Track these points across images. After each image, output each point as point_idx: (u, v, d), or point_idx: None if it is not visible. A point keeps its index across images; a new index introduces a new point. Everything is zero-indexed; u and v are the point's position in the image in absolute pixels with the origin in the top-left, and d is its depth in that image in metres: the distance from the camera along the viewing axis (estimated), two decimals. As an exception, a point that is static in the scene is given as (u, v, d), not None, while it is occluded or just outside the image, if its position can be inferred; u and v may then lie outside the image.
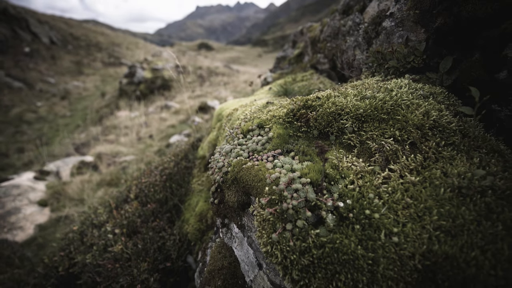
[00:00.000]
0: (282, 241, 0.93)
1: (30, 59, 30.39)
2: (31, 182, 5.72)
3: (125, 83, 21.03)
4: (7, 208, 4.64)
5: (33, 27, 32.57)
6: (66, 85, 28.74)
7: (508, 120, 1.24)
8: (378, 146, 1.12)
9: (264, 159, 1.22)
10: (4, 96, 23.55)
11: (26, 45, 31.41)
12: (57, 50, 35.11)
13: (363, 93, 1.34)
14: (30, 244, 4.28)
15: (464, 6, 1.25)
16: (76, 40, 40.99)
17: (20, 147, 16.99)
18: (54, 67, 31.89)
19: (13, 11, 30.88)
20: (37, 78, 28.28)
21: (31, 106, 23.20)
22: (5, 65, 27.15)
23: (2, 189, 5.02)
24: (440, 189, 0.96)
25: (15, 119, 21.10)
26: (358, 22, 2.35)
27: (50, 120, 21.88)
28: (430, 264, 0.84)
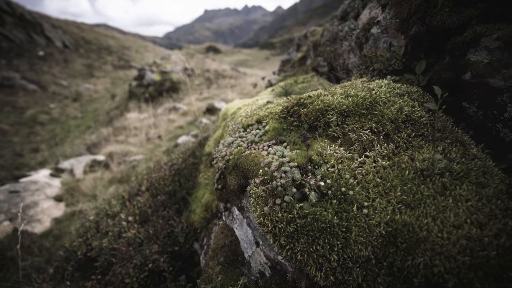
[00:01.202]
0: (272, 213, 1.13)
1: (44, 62, 31.22)
2: (47, 179, 6.04)
3: (135, 85, 21.47)
4: (26, 202, 4.94)
5: (47, 32, 33.54)
6: (78, 88, 29.42)
7: (475, 115, 1.42)
8: (357, 137, 1.31)
9: (260, 148, 1.42)
10: (20, 98, 24.28)
11: (40, 49, 32.34)
12: (70, 54, 35.98)
13: (348, 92, 1.53)
14: (48, 235, 4.56)
15: (434, 17, 1.43)
16: (88, 44, 41.92)
17: (34, 147, 17.52)
18: (66, 70, 32.66)
19: (29, 17, 31.89)
20: (51, 80, 29.03)
21: (44, 108, 23.84)
22: (21, 68, 27.97)
23: (21, 185, 5.33)
24: (405, 171, 1.15)
25: (29, 120, 21.72)
26: (352, 28, 2.54)
27: (62, 121, 22.45)
28: (392, 230, 1.03)
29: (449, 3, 1.39)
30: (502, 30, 1.17)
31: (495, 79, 1.22)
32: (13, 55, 29.33)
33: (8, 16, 29.84)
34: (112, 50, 43.45)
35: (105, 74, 35.42)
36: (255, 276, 1.53)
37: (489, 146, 1.38)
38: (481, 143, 1.39)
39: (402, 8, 1.63)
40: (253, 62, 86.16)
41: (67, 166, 6.83)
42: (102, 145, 11.66)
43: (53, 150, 15.99)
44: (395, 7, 1.71)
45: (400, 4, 1.66)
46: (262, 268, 1.50)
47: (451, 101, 1.53)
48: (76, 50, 38.16)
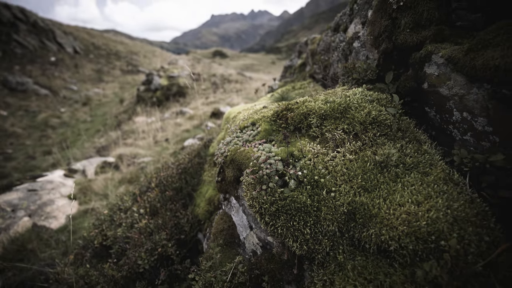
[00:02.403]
0: (259, 196, 1.41)
1: (55, 67, 32.04)
2: (61, 179, 6.41)
3: (143, 90, 21.95)
4: (43, 200, 5.30)
5: (59, 38, 34.51)
6: (88, 92, 30.11)
7: (434, 118, 1.68)
8: (332, 136, 1.59)
9: (253, 145, 1.70)
10: (32, 103, 25.00)
11: (52, 54, 33.25)
12: (80, 59, 36.85)
13: (328, 98, 1.81)
14: (63, 231, 4.89)
15: (398, 36, 1.71)
16: (97, 50, 42.83)
17: (46, 150, 18.07)
18: (76, 75, 33.45)
19: (42, 24, 32.90)
20: (61, 85, 29.78)
21: (55, 112, 24.48)
22: (33, 73, 28.80)
23: (38, 184, 5.70)
24: (367, 163, 1.42)
25: (41, 124, 22.34)
26: (341, 40, 2.82)
27: (72, 125, 23.03)
28: (352, 209, 1.30)
29: (409, 25, 1.67)
30: (445, 50, 1.44)
31: (443, 88, 1.49)
32: (26, 61, 30.22)
33: (22, 23, 30.88)
34: (120, 55, 44.28)
35: (114, 78, 36.11)
36: (249, 254, 1.81)
37: (446, 144, 1.64)
38: (439, 141, 1.66)
39: (375, 27, 1.91)
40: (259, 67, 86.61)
41: (79, 167, 7.21)
42: (111, 147, 12.07)
43: (64, 153, 16.51)
44: (370, 25, 1.99)
45: (374, 24, 1.93)
46: (254, 247, 1.78)
47: (416, 106, 1.80)
48: (86, 56, 39.06)
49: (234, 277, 1.69)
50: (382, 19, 1.84)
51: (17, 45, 29.74)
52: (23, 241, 4.23)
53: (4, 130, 20.36)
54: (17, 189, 5.35)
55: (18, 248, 4.13)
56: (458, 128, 1.51)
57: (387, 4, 1.79)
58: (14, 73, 27.13)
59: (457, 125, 1.50)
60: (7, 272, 3.86)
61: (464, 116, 1.42)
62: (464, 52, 1.32)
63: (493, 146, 1.31)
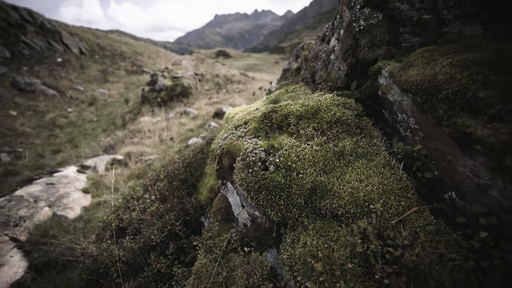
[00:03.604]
0: (246, 177, 1.87)
1: (62, 68, 32.65)
2: (75, 174, 6.93)
3: (147, 90, 22.42)
4: (60, 192, 5.80)
5: (65, 39, 35.18)
6: (93, 92, 30.67)
7: (389, 118, 2.12)
8: (304, 132, 2.04)
9: (243, 140, 2.16)
10: (40, 103, 25.63)
11: (59, 55, 33.89)
12: (86, 60, 37.45)
13: (305, 102, 2.26)
14: (79, 220, 5.39)
15: (359, 52, 2.16)
16: (102, 50, 43.41)
17: (54, 149, 18.66)
18: (82, 76, 34.03)
19: (48, 25, 33.60)
20: (68, 86, 30.38)
21: (63, 112, 25.07)
22: (41, 74, 29.44)
23: (55, 178, 6.22)
24: (328, 152, 1.87)
25: (49, 124, 22.94)
26: (325, 50, 3.27)
27: (79, 124, 23.60)
28: (314, 186, 1.76)
29: (367, 45, 2.11)
30: (389, 66, 1.89)
31: (389, 95, 1.93)
32: (34, 61, 30.86)
33: (29, 25, 31.60)
34: (125, 56, 44.82)
35: (119, 79, 36.63)
36: (241, 227, 2.27)
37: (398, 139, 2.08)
38: (392, 136, 2.10)
39: (344, 44, 2.35)
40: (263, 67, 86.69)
41: (91, 163, 7.73)
42: (117, 146, 12.59)
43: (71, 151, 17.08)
44: (341, 42, 2.43)
45: (343, 41, 2.38)
46: (245, 221, 2.24)
47: (376, 109, 2.24)
48: (92, 56, 39.64)
49: (229, 244, 2.16)
50: (348, 38, 2.28)
51: (25, 46, 30.42)
52: (45, 228, 4.74)
53: (15, 129, 20.98)
54: (37, 183, 5.87)
55: (42, 233, 4.63)
56: (402, 126, 1.95)
57: (352, 27, 2.24)
58: (23, 74, 27.79)
59: (400, 124, 1.95)
60: (33, 253, 4.37)
61: (403, 117, 1.87)
62: (398, 69, 1.76)
63: (421, 139, 1.76)
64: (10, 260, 4.33)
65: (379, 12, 2.06)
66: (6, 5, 30.85)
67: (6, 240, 4.54)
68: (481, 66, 1.32)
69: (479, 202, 1.37)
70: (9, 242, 4.56)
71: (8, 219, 4.77)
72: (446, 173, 1.56)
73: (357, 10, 2.16)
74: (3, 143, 19.14)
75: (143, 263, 2.66)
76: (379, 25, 2.06)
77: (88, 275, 2.78)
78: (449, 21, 1.78)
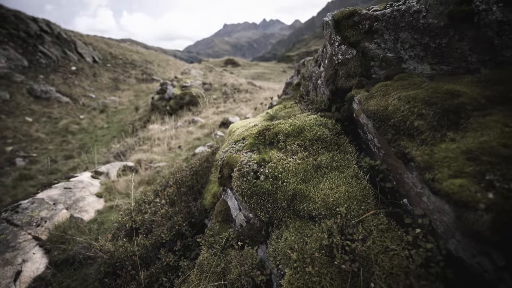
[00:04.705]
0: (241, 184, 2.29)
1: (76, 76, 33.79)
2: (89, 179, 7.45)
3: (157, 98, 23.10)
4: (77, 196, 6.31)
5: (79, 49, 36.54)
6: (105, 100, 31.59)
7: (363, 136, 2.53)
8: (291, 148, 2.46)
9: (241, 153, 2.59)
10: (54, 110, 26.58)
11: (73, 64, 35.14)
12: (98, 68, 38.67)
13: (293, 122, 2.69)
14: (93, 222, 5.85)
15: (338, 81, 2.58)
16: (114, 59, 44.69)
17: (67, 155, 19.37)
18: (95, 83, 35.12)
19: (64, 36, 35.03)
20: (81, 93, 31.41)
21: (75, 119, 25.95)
22: (56, 82, 30.55)
23: (72, 183, 6.74)
24: (308, 165, 2.28)
25: (62, 130, 23.75)
26: (316, 73, 3.70)
27: (90, 131, 24.37)
28: (295, 192, 2.16)
29: (344, 75, 2.54)
30: (359, 95, 2.31)
31: (361, 118, 2.34)
32: (49, 70, 32.07)
33: (47, 35, 33.04)
34: (136, 64, 46.01)
35: (129, 87, 37.60)
36: (238, 227, 2.68)
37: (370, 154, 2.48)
38: (367, 152, 2.50)
39: (327, 72, 2.78)
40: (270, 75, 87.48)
41: (104, 170, 8.25)
42: (127, 153, 13.14)
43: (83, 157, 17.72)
44: (325, 70, 2.87)
45: (327, 70, 2.81)
46: (241, 222, 2.65)
47: (353, 128, 2.65)
48: (104, 65, 40.87)
49: (227, 241, 2.57)
50: (330, 69, 2.72)
51: (42, 55, 31.73)
52: (64, 228, 5.21)
53: (30, 135, 21.83)
54: (56, 187, 6.38)
55: (61, 233, 5.11)
56: (371, 143, 2.35)
57: (332, 59, 2.67)
58: (39, 82, 28.91)
59: (370, 141, 2.35)
60: (53, 251, 4.83)
61: (371, 137, 2.27)
62: (365, 98, 2.18)
63: (382, 155, 2.16)
64: (33, 257, 4.80)
65: (353, 49, 2.50)
66: (27, 17, 32.38)
67: (29, 239, 5.02)
68: (417, 102, 1.74)
69: (419, 207, 1.76)
70: (32, 241, 5.03)
71: (31, 219, 5.26)
72: (399, 183, 1.96)
73: (336, 46, 2.60)
74: (19, 148, 19.92)
75: (154, 257, 3.08)
76: (353, 60, 2.49)
77: (106, 267, 3.21)
78: (406, 60, 2.20)
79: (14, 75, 27.21)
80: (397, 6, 2.17)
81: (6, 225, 5.03)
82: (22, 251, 4.79)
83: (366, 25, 2.38)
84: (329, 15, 2.74)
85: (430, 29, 1.94)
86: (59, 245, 4.93)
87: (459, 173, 1.37)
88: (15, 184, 13.93)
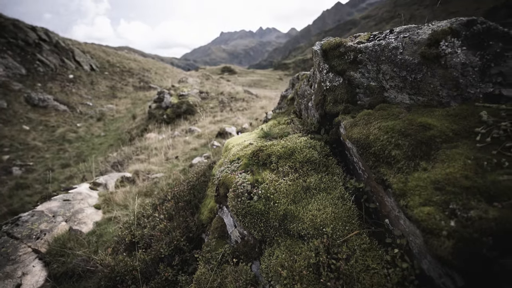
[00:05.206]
0: (236, 204, 2.45)
1: (73, 84, 33.88)
2: (88, 191, 7.55)
3: (154, 107, 23.26)
4: (76, 208, 6.41)
5: (77, 57, 36.73)
6: (102, 108, 31.65)
7: (350, 158, 2.71)
8: (282, 170, 2.64)
9: (236, 174, 2.76)
10: (51, 118, 26.61)
11: (71, 72, 35.26)
12: (96, 76, 38.81)
13: (285, 144, 2.87)
14: (92, 234, 5.95)
15: (326, 106, 2.78)
16: (112, 67, 44.87)
17: (63, 163, 19.36)
18: (92, 91, 35.19)
19: (63, 44, 35.24)
20: (78, 101, 31.45)
21: (72, 127, 25.98)
22: (53, 90, 30.62)
23: (71, 195, 6.84)
24: (298, 187, 2.46)
25: (59, 138, 23.76)
26: (308, 93, 3.91)
27: (87, 139, 24.40)
28: (286, 212, 2.33)
29: (332, 101, 2.74)
30: (345, 120, 2.50)
31: (347, 142, 2.53)
32: (47, 78, 32.14)
33: (46, 44, 33.24)
34: (133, 72, 46.18)
35: (126, 94, 37.69)
36: (233, 243, 2.83)
37: (356, 175, 2.66)
38: (353, 173, 2.68)
39: (316, 97, 2.98)
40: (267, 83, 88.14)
41: (102, 181, 8.36)
42: (125, 163, 13.22)
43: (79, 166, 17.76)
44: (315, 94, 3.07)
45: (316, 94, 3.02)
46: (236, 238, 2.80)
47: (341, 150, 2.84)
48: (102, 73, 41.02)
49: (223, 256, 2.72)
50: (319, 94, 2.92)
51: (40, 64, 31.85)
52: (63, 241, 5.31)
53: (27, 144, 21.81)
54: (55, 199, 6.49)
55: (60, 246, 5.20)
56: (357, 165, 2.54)
57: (321, 85, 2.88)
58: (37, 90, 28.96)
59: (356, 164, 2.53)
60: (52, 264, 4.92)
61: (356, 159, 2.46)
62: (350, 125, 2.38)
63: (366, 178, 2.34)
64: (33, 270, 4.88)
65: (340, 76, 2.70)
66: (26, 26, 32.60)
67: (29, 252, 5.11)
68: (395, 133, 1.93)
69: (398, 228, 1.94)
70: (32, 253, 5.12)
71: (31, 232, 5.35)
72: (381, 205, 2.14)
73: (324, 74, 2.80)
74: (16, 157, 19.88)
75: (153, 272, 3.21)
76: (340, 87, 2.69)
77: (107, 281, 3.33)
78: (388, 89, 2.41)
79: (12, 84, 27.27)
80: (378, 41, 2.38)
81: (6, 238, 5.12)
82: (22, 264, 4.88)
83: (351, 56, 2.59)
84: (318, 44, 2.95)
85: (407, 65, 2.14)
86: (59, 258, 5.02)
87: (428, 201, 1.56)
88: (11, 193, 13.92)
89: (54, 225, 5.67)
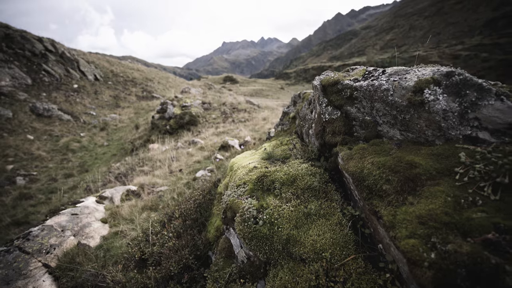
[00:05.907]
0: (243, 228, 2.68)
1: (77, 94, 34.36)
2: (94, 205, 7.77)
3: (157, 118, 23.56)
4: (83, 222, 6.62)
5: (82, 67, 37.37)
6: (105, 117, 32.02)
7: (348, 185, 2.95)
8: (285, 196, 2.88)
9: (242, 199, 3.00)
10: (56, 127, 26.94)
11: (75, 82, 35.81)
12: (99, 86, 39.35)
13: (287, 170, 3.12)
14: (99, 248, 6.14)
15: (325, 136, 3.04)
16: (115, 77, 45.51)
17: (67, 173, 19.58)
18: (96, 101, 35.64)
19: (68, 54, 35.92)
20: (82, 111, 31.85)
21: (76, 136, 26.27)
22: (58, 100, 31.06)
23: (78, 209, 7.06)
24: (300, 212, 2.69)
25: (63, 148, 24.01)
26: (309, 118, 4.17)
27: (90, 149, 24.65)
28: (289, 237, 2.56)
29: (331, 132, 3.00)
30: (343, 152, 2.75)
31: (344, 171, 2.77)
32: (52, 88, 32.66)
33: (51, 54, 33.92)
34: (136, 82, 46.80)
35: (130, 104, 38.11)
36: (240, 263, 3.05)
37: (348, 204, 2.89)
38: (351, 199, 2.91)
39: (316, 127, 3.25)
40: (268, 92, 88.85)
41: (108, 194, 8.58)
42: (128, 174, 13.44)
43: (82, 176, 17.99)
44: (315, 124, 3.34)
45: (316, 124, 3.28)
46: (242, 259, 3.02)
47: (339, 177, 3.08)
48: (105, 83, 41.60)
49: (230, 276, 2.94)
50: (319, 124, 3.18)
51: (46, 74, 32.42)
52: (72, 256, 5.51)
53: (31, 153, 22.06)
54: (63, 213, 6.71)
55: (69, 260, 5.40)
56: (353, 193, 2.77)
57: (321, 117, 3.14)
58: (42, 100, 29.40)
59: (353, 191, 2.77)
60: (62, 279, 5.11)
61: (353, 188, 2.70)
62: (346, 157, 2.63)
63: (362, 206, 2.57)
64: (43, 285, 5.07)
65: (338, 110, 2.97)
66: (33, 37, 33.33)
67: (39, 266, 5.30)
68: (386, 168, 2.18)
69: (389, 253, 2.16)
70: (42, 268, 5.31)
71: (41, 247, 5.56)
72: (375, 231, 2.36)
73: (324, 107, 3.07)
74: (20, 167, 20.10)
75: (163, 289, 3.42)
76: (338, 120, 2.95)
77: (119, 298, 3.54)
78: (381, 124, 2.66)
79: (18, 93, 27.75)
80: (371, 81, 2.65)
81: (18, 253, 5.32)
82: (32, 278, 5.07)
83: (347, 93, 2.86)
84: (318, 79, 3.23)
85: (397, 106, 2.40)
86: (68, 272, 5.20)
87: (413, 234, 1.79)
88: (14, 203, 14.10)
89: (63, 239, 5.88)
